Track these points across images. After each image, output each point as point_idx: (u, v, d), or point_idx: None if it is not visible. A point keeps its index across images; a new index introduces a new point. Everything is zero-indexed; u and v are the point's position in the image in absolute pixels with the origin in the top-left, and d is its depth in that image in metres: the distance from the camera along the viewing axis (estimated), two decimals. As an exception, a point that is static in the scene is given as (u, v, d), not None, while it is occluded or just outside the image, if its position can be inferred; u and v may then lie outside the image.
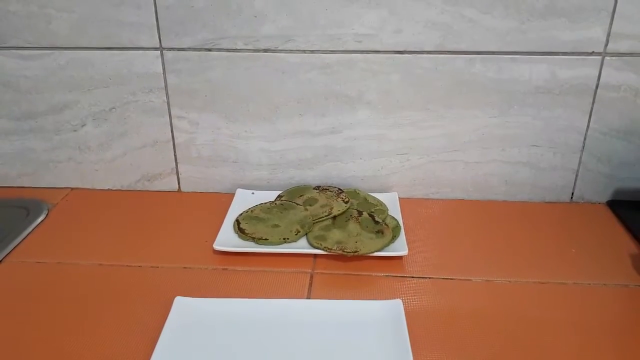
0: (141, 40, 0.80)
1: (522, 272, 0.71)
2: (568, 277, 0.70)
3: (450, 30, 0.77)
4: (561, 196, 0.87)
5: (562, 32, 0.76)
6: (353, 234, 0.75)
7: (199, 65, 0.81)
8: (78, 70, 0.83)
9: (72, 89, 0.84)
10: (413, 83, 0.81)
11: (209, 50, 0.80)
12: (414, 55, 0.79)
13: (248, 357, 0.58)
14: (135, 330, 0.61)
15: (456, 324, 0.62)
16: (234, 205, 0.84)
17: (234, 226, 0.79)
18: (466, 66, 0.79)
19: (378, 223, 0.77)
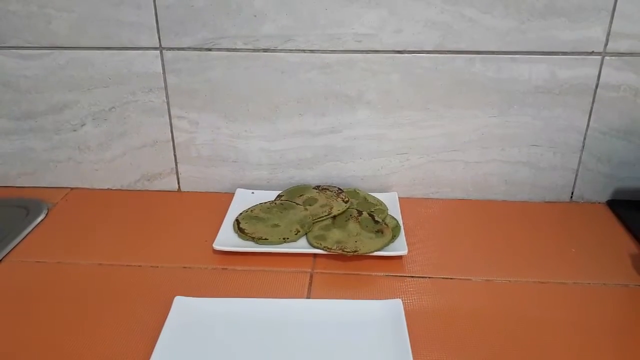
0: (141, 40, 0.80)
1: (522, 272, 0.71)
2: (568, 277, 0.70)
3: (450, 30, 0.77)
4: (561, 196, 0.87)
5: (562, 32, 0.76)
6: (353, 234, 0.75)
7: (199, 65, 0.81)
8: (78, 70, 0.83)
9: (72, 89, 0.84)
10: (413, 83, 0.81)
11: (209, 50, 0.80)
12: (414, 55, 0.79)
13: (248, 357, 0.58)
14: (135, 330, 0.61)
15: (456, 324, 0.62)
16: (234, 205, 0.84)
17: (234, 226, 0.79)
18: (466, 66, 0.79)
19: (378, 223, 0.77)
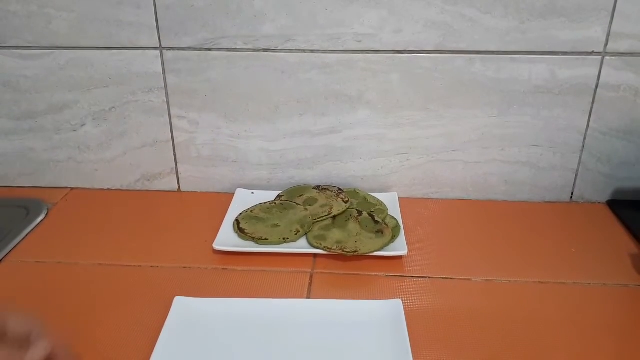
0: (141, 40, 0.80)
1: (522, 272, 0.71)
2: (568, 277, 0.70)
3: (450, 30, 0.77)
4: (561, 196, 0.87)
5: (562, 32, 0.76)
6: (353, 234, 0.75)
7: (199, 65, 0.81)
8: (78, 70, 0.83)
9: (72, 89, 0.84)
10: (413, 83, 0.81)
11: (209, 50, 0.80)
12: (414, 55, 0.79)
13: (248, 357, 0.58)
14: (135, 330, 0.61)
15: (456, 324, 0.62)
16: (234, 205, 0.84)
17: (234, 226, 0.79)
18: (466, 66, 0.79)
19: (378, 223, 0.77)
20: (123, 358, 0.58)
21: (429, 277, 0.70)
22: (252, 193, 0.87)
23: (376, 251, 0.72)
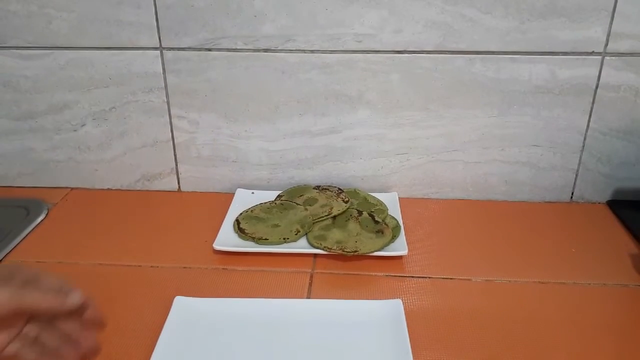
0: (141, 40, 0.80)
1: (522, 272, 0.71)
2: (568, 277, 0.70)
3: (450, 30, 0.77)
4: (561, 196, 0.87)
5: (562, 32, 0.76)
6: (353, 234, 0.75)
7: (199, 65, 0.81)
8: (78, 70, 0.83)
9: (72, 89, 0.84)
10: (413, 83, 0.81)
11: (209, 50, 0.80)
12: (414, 55, 0.79)
13: (248, 357, 0.58)
14: (135, 330, 0.61)
15: (456, 324, 0.62)
16: (234, 205, 0.84)
17: (234, 226, 0.79)
18: (466, 66, 0.79)
19: (378, 223, 0.77)
20: (123, 358, 0.58)
21: (429, 277, 0.70)
22: (252, 193, 0.87)
23: (376, 251, 0.72)
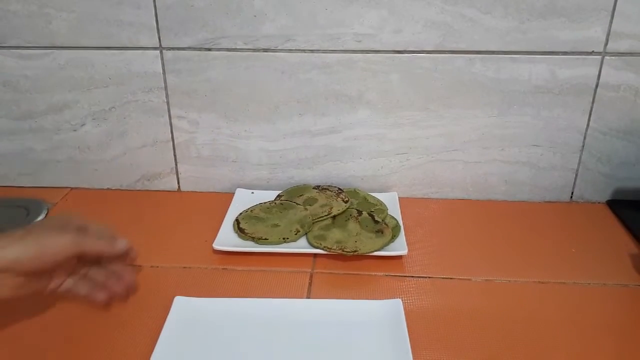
0: (141, 40, 0.80)
1: (522, 272, 0.71)
2: (568, 277, 0.70)
3: (450, 30, 0.77)
4: (561, 196, 0.87)
5: (562, 32, 0.76)
6: (353, 234, 0.75)
7: (199, 65, 0.81)
8: (78, 70, 0.83)
9: (72, 89, 0.84)
10: (413, 83, 0.81)
11: (209, 50, 0.80)
12: (414, 55, 0.79)
13: (247, 357, 0.58)
14: (135, 330, 0.61)
15: (456, 324, 0.62)
16: (234, 204, 0.84)
17: (234, 226, 0.79)
18: (466, 66, 0.79)
19: (378, 222, 0.77)
20: (123, 358, 0.58)
21: (429, 277, 0.70)
22: (252, 193, 0.87)
23: (376, 251, 0.72)
